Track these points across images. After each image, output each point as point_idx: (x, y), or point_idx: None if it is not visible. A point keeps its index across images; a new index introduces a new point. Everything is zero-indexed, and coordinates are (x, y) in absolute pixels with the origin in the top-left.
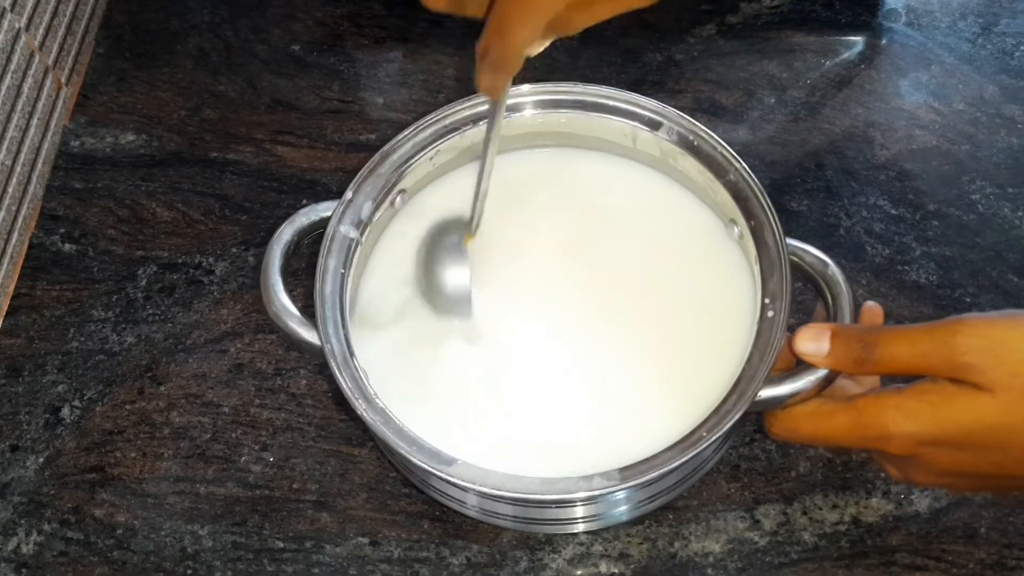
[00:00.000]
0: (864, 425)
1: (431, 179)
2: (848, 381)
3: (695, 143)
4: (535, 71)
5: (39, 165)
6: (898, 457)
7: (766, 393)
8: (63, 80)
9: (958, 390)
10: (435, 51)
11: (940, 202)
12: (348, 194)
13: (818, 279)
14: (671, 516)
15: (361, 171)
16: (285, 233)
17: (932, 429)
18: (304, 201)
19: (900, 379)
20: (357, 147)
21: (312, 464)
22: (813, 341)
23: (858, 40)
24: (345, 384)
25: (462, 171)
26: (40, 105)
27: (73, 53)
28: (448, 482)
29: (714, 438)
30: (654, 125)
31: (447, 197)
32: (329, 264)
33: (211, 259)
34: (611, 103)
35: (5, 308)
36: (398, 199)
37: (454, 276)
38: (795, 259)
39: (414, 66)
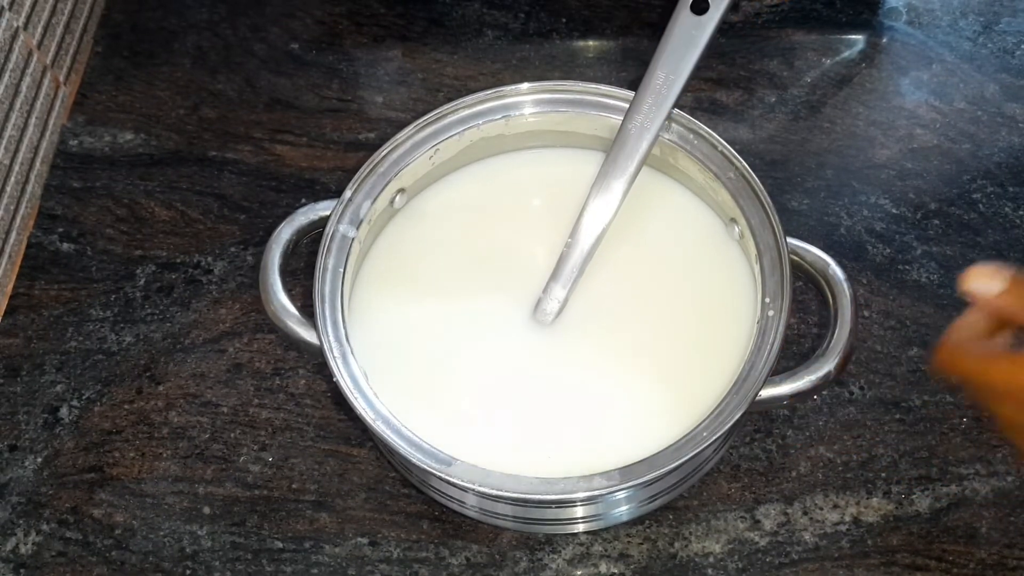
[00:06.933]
0: None
1: (431, 178)
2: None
3: (695, 142)
4: (535, 70)
5: (37, 164)
6: None
7: (766, 393)
8: (61, 79)
9: None
10: (434, 49)
11: (941, 201)
12: (347, 193)
13: (819, 278)
14: (671, 516)
15: (360, 170)
16: (284, 232)
17: None
18: (303, 200)
19: None
20: (356, 146)
21: (311, 464)
22: (989, 278)
23: (859, 39)
24: (344, 383)
25: (462, 170)
26: (38, 104)
27: (71, 52)
28: (447, 482)
29: (714, 438)
30: None
31: (447, 196)
32: (328, 263)
33: (210, 258)
34: (611, 102)
35: (3, 308)
36: (397, 198)
37: None
38: (796, 258)
39: (413, 64)
